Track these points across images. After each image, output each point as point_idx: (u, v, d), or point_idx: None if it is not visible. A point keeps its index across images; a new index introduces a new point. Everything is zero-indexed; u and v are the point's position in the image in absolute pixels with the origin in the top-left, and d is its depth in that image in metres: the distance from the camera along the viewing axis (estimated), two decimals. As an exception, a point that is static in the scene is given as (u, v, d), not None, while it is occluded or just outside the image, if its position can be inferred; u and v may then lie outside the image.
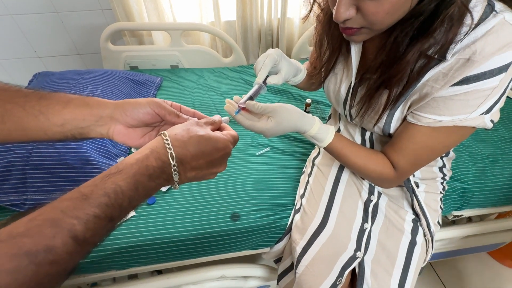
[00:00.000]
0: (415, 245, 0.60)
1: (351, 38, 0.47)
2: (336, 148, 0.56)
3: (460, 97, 0.42)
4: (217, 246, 0.71)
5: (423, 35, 0.40)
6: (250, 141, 0.96)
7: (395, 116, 0.51)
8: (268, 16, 1.43)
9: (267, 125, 0.49)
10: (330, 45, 0.57)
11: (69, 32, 1.43)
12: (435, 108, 0.45)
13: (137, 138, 0.43)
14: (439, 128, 0.46)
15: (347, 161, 0.57)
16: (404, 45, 0.42)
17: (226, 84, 1.28)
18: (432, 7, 0.38)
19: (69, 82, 0.98)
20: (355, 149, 0.56)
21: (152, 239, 0.67)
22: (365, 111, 0.53)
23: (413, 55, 0.42)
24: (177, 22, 1.38)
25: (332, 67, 0.60)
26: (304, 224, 0.65)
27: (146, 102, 0.41)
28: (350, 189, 0.66)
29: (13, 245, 0.22)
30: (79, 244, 0.25)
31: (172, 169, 0.33)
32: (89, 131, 0.40)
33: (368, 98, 0.51)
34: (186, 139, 0.35)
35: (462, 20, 0.38)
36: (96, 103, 0.40)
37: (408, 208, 0.63)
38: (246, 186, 0.79)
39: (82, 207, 0.26)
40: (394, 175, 0.54)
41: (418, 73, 0.44)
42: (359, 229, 0.61)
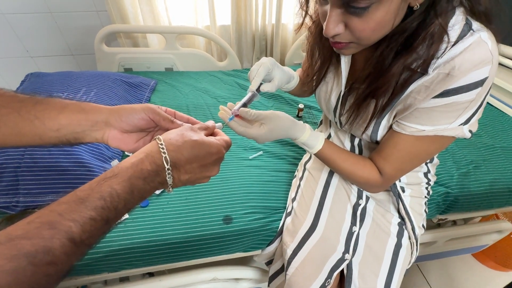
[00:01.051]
0: (400, 247, 0.63)
1: (341, 51, 0.49)
2: (326, 154, 0.58)
3: (441, 109, 0.45)
4: (209, 248, 0.73)
5: (407, 50, 0.43)
6: (243, 145, 0.98)
7: (382, 124, 0.54)
8: (262, 22, 1.46)
9: (259, 132, 0.51)
10: (321, 55, 0.59)
11: (62, 33, 1.42)
12: (418, 118, 0.47)
13: (132, 143, 0.44)
14: (422, 137, 0.48)
15: (336, 167, 0.59)
16: (389, 59, 0.45)
17: (220, 88, 1.30)
18: (415, 26, 0.41)
19: (63, 83, 0.98)
20: (344, 155, 0.59)
21: (145, 242, 0.68)
22: (354, 119, 0.55)
23: (398, 68, 0.45)
24: (172, 25, 1.39)
25: (323, 76, 0.62)
26: (295, 227, 0.67)
27: (141, 108, 0.42)
28: (339, 193, 0.68)
29: (12, 246, 0.23)
30: (76, 245, 0.26)
31: (166, 173, 0.35)
32: (84, 136, 0.41)
33: (356, 107, 0.54)
34: (180, 144, 0.36)
35: (442, 38, 0.41)
36: (91, 108, 0.41)
37: (394, 212, 0.66)
38: (239, 189, 0.81)
39: (78, 210, 0.27)
40: (381, 180, 0.56)
41: (402, 85, 0.46)
42: (347, 232, 0.64)
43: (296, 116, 1.14)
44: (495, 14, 0.42)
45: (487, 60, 0.41)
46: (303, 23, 0.56)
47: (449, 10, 0.41)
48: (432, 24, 0.40)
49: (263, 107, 1.19)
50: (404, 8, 0.40)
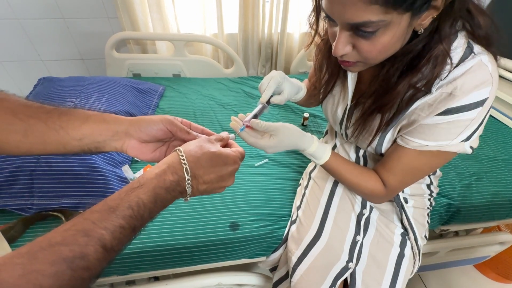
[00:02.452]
0: (403, 257, 0.64)
1: (348, 69, 0.52)
2: (332, 165, 0.60)
3: (443, 126, 0.47)
4: (215, 254, 0.74)
5: (412, 70, 0.46)
6: (249, 153, 1.00)
7: (386, 138, 0.56)
8: (268, 30, 1.49)
9: (269, 143, 0.53)
10: (329, 70, 0.62)
11: (74, 38, 1.46)
12: (422, 133, 0.50)
13: (149, 153, 0.46)
14: (425, 151, 0.50)
15: (342, 178, 0.61)
16: (395, 77, 0.48)
17: (226, 95, 1.32)
18: (420, 48, 0.44)
19: (75, 89, 1.00)
20: (349, 167, 0.61)
21: (155, 246, 0.69)
22: (360, 133, 0.58)
23: (403, 86, 0.47)
24: (181, 33, 1.42)
25: (330, 89, 0.64)
26: (299, 235, 0.68)
27: (160, 120, 0.45)
28: (344, 203, 0.70)
29: (53, 252, 0.25)
30: (107, 251, 0.28)
31: (186, 183, 0.37)
32: (104, 145, 0.43)
33: (362, 121, 0.56)
34: (199, 155, 0.39)
35: (445, 60, 0.43)
36: (113, 119, 0.44)
37: (397, 222, 0.67)
38: (245, 196, 0.83)
39: (110, 219, 0.30)
40: (384, 192, 0.58)
41: (407, 102, 0.49)
42: (351, 241, 0.65)
43: (301, 125, 1.16)
44: (495, 38, 0.45)
45: (488, 82, 0.43)
46: (313, 41, 0.58)
47: (452, 34, 0.43)
48: (436, 47, 0.43)
49: (269, 115, 1.22)
50: (409, 32, 0.43)
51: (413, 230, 0.64)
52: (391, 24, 0.39)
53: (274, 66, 1.62)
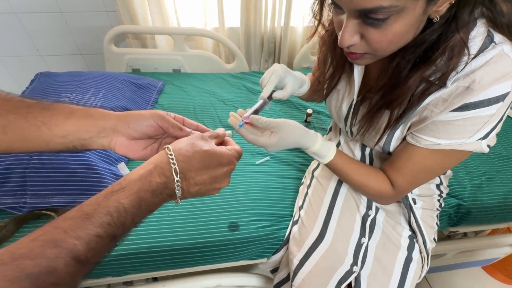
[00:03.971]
0: (411, 261, 0.61)
1: (355, 61, 0.48)
2: (337, 165, 0.57)
3: (459, 123, 0.43)
4: (214, 255, 0.72)
5: (425, 63, 0.42)
6: (250, 150, 0.97)
7: (395, 135, 0.52)
8: (271, 24, 1.45)
9: (270, 140, 0.50)
10: (334, 64, 0.58)
11: (72, 32, 1.43)
12: (435, 131, 0.46)
13: (139, 150, 0.42)
14: (438, 150, 0.47)
15: (347, 177, 0.58)
16: (406, 70, 0.44)
17: (227, 91, 1.29)
18: (434, 38, 0.40)
19: (72, 84, 0.98)
20: (355, 166, 0.57)
21: (150, 247, 0.67)
22: (366, 130, 0.54)
23: (415, 80, 0.43)
24: (181, 27, 1.38)
25: (335, 84, 0.61)
26: (301, 236, 0.65)
27: (150, 115, 0.41)
28: (348, 203, 0.67)
29: (15, 267, 0.22)
30: (80, 264, 0.25)
31: (175, 185, 0.33)
32: (91, 143, 0.40)
33: (369, 118, 0.52)
34: (190, 154, 0.35)
35: (463, 51, 0.39)
36: (99, 114, 0.40)
37: (405, 224, 0.64)
38: (245, 196, 0.80)
39: (84, 227, 0.26)
40: (392, 192, 0.55)
41: (419, 97, 0.45)
42: (356, 244, 0.62)
43: (304, 121, 1.13)
44: None
45: (510, 75, 0.39)
46: (315, 32, 0.55)
47: (470, 22, 0.39)
48: (453, 37, 0.38)
49: (271, 111, 1.18)
50: (424, 20, 0.39)
51: (421, 232, 0.61)
52: (404, 11, 0.35)
53: (277, 61, 1.58)
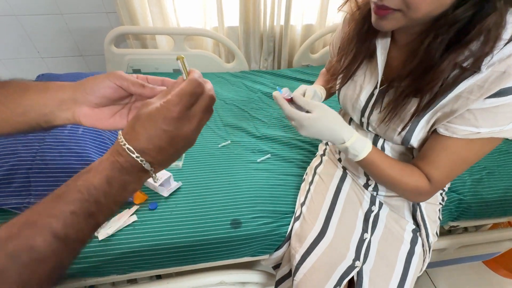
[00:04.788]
0: (413, 254, 0.61)
1: (381, 23, 0.45)
2: (373, 160, 0.54)
3: (498, 109, 0.42)
4: (217, 252, 0.72)
5: (458, 46, 0.41)
6: (251, 148, 0.98)
7: (420, 125, 0.51)
8: (270, 23, 1.45)
9: (307, 117, 0.50)
10: (356, 48, 0.57)
11: (72, 34, 1.44)
12: (472, 120, 0.44)
13: (106, 119, 0.39)
14: (475, 140, 0.46)
15: (382, 174, 0.54)
16: (439, 53, 0.42)
17: (228, 90, 1.30)
18: (469, 15, 0.38)
19: (73, 85, 0.98)
20: (391, 162, 0.54)
21: (154, 245, 0.68)
22: (390, 119, 0.52)
23: (449, 63, 0.42)
24: (180, 27, 1.39)
25: (351, 74, 0.60)
26: (303, 232, 0.66)
27: (105, 76, 0.38)
28: (350, 200, 0.67)
29: None
30: (61, 241, 0.26)
31: (139, 161, 0.30)
32: (54, 118, 0.38)
33: (395, 106, 0.51)
34: (133, 125, 0.31)
35: (499, 35, 0.38)
36: (56, 86, 0.38)
37: (409, 218, 0.65)
38: (247, 193, 0.80)
39: (56, 206, 0.27)
40: (429, 188, 0.52)
41: (452, 82, 0.44)
42: (358, 239, 0.63)
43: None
44: None
45: None
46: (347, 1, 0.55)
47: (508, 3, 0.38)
48: (489, 17, 0.37)
49: (270, 109, 1.19)
50: None
51: (425, 226, 0.62)
52: None
53: (277, 59, 1.58)
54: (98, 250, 0.65)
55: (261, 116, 1.14)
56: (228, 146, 0.98)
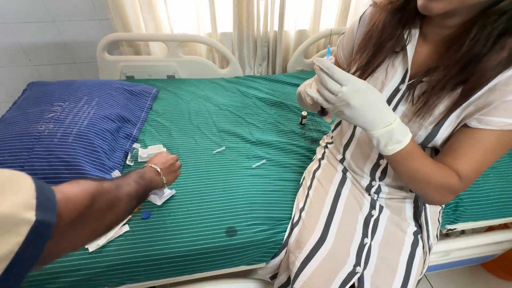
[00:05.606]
0: (414, 257, 0.61)
1: (431, 4, 0.43)
2: (413, 150, 0.48)
3: None
4: (213, 262, 0.70)
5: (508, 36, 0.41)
6: (246, 154, 0.97)
7: (449, 119, 0.50)
8: (264, 28, 1.46)
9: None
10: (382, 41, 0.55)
11: (65, 41, 1.42)
12: (508, 111, 0.44)
13: None
14: (508, 131, 0.46)
15: (417, 168, 0.49)
16: (489, 43, 0.42)
17: (222, 96, 1.29)
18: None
19: (64, 92, 0.97)
20: (425, 156, 0.50)
21: (147, 256, 0.66)
22: (419, 115, 0.51)
23: (499, 56, 0.42)
24: (174, 33, 1.39)
25: (372, 70, 0.58)
26: (303, 238, 0.65)
27: None
28: (350, 204, 0.66)
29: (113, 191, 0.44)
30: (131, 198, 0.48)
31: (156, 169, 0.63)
32: None
33: (427, 100, 0.49)
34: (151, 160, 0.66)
35: None
36: None
37: (411, 220, 0.64)
38: (242, 200, 0.79)
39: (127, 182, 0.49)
40: (459, 184, 0.50)
41: (493, 75, 0.44)
42: (359, 244, 0.62)
43: (299, 124, 1.13)
44: None
45: None
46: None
47: None
48: None
49: (265, 114, 1.18)
50: None
51: (427, 228, 0.61)
52: None
53: (271, 65, 1.59)
54: (89, 262, 0.63)
55: (256, 121, 1.13)
56: (223, 152, 0.97)
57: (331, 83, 0.43)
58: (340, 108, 0.45)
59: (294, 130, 1.09)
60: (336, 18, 1.52)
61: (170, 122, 1.10)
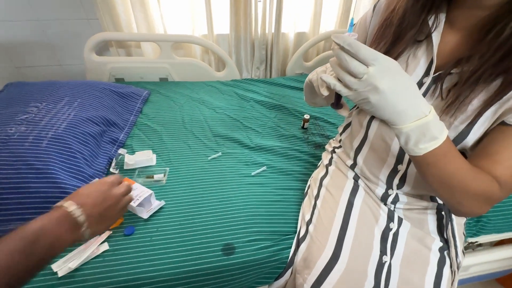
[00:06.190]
0: (441, 278, 0.52)
1: None
2: (450, 148, 0.40)
3: None
4: (207, 286, 0.60)
5: None
6: (245, 160, 0.88)
7: (483, 117, 0.44)
8: (262, 30, 1.40)
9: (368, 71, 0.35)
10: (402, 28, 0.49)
11: (51, 42, 1.33)
12: None
13: None
14: None
15: (451, 173, 0.41)
16: None
17: (218, 98, 1.21)
18: None
19: (44, 92, 0.88)
20: (461, 156, 0.42)
21: (129, 280, 0.55)
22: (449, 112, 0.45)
23: None
24: (167, 33, 1.32)
25: None
26: (312, 256, 0.56)
27: None
28: (365, 216, 0.58)
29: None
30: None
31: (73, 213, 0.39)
32: None
33: (459, 93, 0.44)
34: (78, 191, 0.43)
35: None
36: None
37: (435, 235, 0.55)
38: (241, 212, 0.70)
39: None
40: (500, 193, 0.42)
41: None
42: (377, 263, 0.52)
43: (301, 128, 1.05)
44: None
45: None
46: None
47: None
48: None
49: (264, 118, 1.10)
50: None
51: (455, 243, 0.53)
52: None
53: (269, 68, 1.52)
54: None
55: (254, 125, 1.05)
56: (219, 159, 0.88)
57: (354, 63, 0.35)
58: (365, 94, 0.36)
59: (296, 134, 1.01)
60: (337, 20, 1.47)
61: (161, 126, 1.01)
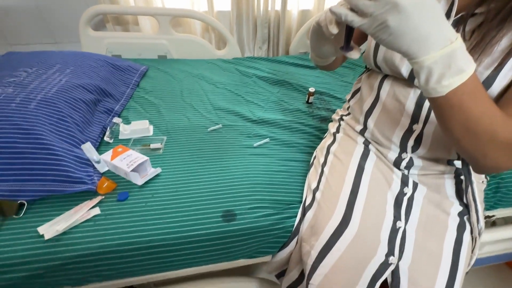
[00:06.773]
0: (461, 244, 0.47)
1: None
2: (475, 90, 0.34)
3: None
4: (205, 253, 0.56)
5: None
6: (247, 132, 0.83)
7: (510, 63, 0.40)
8: (264, 7, 1.34)
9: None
10: None
11: (45, 18, 1.29)
12: None
13: None
14: None
15: (478, 117, 0.35)
16: None
17: (219, 74, 1.16)
18: None
19: (34, 60, 0.83)
20: (488, 97, 0.36)
21: (121, 244, 0.51)
22: (474, 54, 0.41)
23: None
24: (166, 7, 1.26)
25: None
26: (319, 223, 0.51)
27: None
28: (377, 181, 0.53)
29: None
30: None
31: None
32: None
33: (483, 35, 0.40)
34: None
35: None
36: None
37: (454, 199, 0.51)
38: (242, 180, 0.65)
39: None
40: None
41: None
42: (390, 229, 0.48)
43: (306, 102, 1.00)
44: None
45: None
46: None
47: None
48: None
49: (267, 93, 1.05)
50: None
51: (476, 208, 0.48)
52: None
53: (273, 47, 1.47)
54: (43, 253, 0.48)
55: (257, 100, 1.00)
56: (219, 130, 0.83)
57: None
58: (383, 17, 0.30)
59: (301, 108, 0.96)
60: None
61: (160, 100, 0.96)
